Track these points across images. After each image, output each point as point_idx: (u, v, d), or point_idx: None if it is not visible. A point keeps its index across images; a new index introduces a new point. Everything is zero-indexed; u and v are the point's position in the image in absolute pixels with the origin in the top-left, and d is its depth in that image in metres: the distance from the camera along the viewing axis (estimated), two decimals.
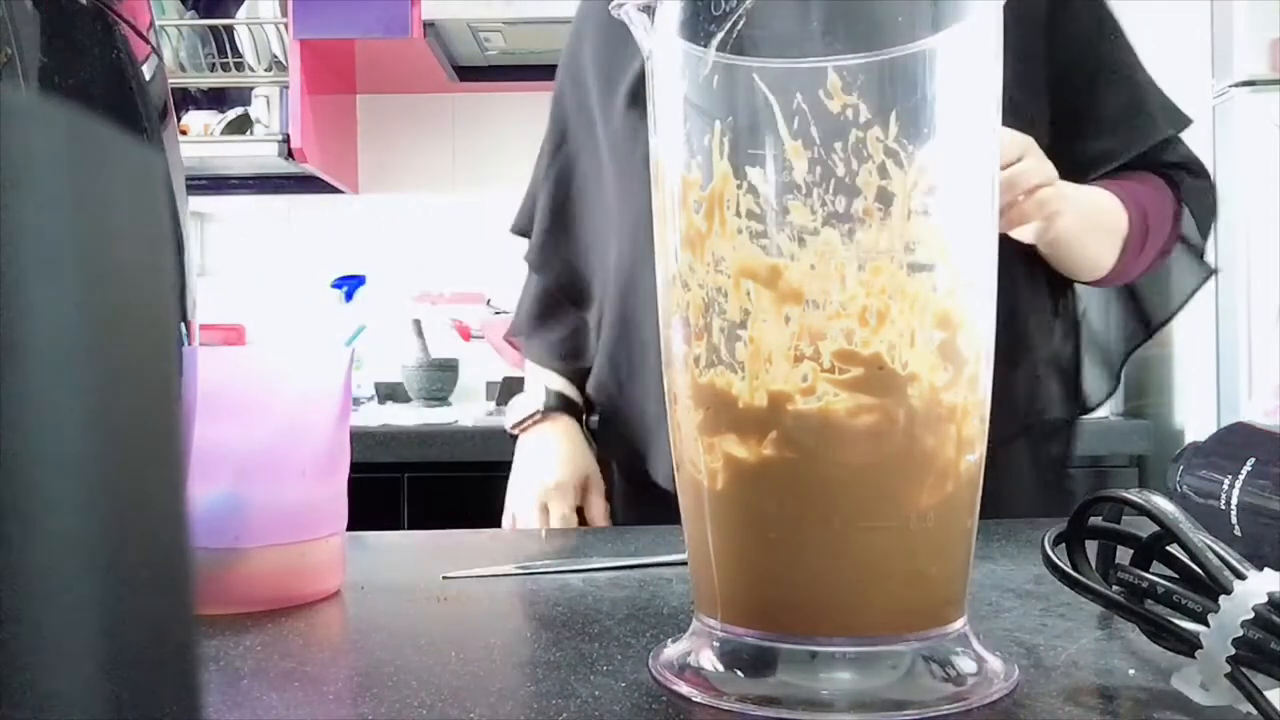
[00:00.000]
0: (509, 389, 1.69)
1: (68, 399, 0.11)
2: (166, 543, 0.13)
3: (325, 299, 2.03)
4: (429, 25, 1.71)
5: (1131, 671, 0.34)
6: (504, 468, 1.44)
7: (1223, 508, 0.45)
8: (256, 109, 1.92)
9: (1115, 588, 0.34)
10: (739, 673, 0.33)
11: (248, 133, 1.90)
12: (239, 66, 1.90)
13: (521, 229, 1.06)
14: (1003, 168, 0.64)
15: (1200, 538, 0.31)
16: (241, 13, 1.88)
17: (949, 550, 0.33)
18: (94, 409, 0.12)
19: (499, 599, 0.45)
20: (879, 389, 0.31)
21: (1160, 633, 0.32)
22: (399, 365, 1.89)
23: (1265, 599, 0.28)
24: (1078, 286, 0.82)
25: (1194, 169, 0.81)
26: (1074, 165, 0.73)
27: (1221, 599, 0.29)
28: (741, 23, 0.32)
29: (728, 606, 0.34)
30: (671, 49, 0.34)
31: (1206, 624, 0.29)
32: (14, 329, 0.11)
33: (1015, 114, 0.67)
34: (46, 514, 0.11)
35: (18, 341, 0.11)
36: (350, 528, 0.49)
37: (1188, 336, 1.44)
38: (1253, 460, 0.45)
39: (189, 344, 0.27)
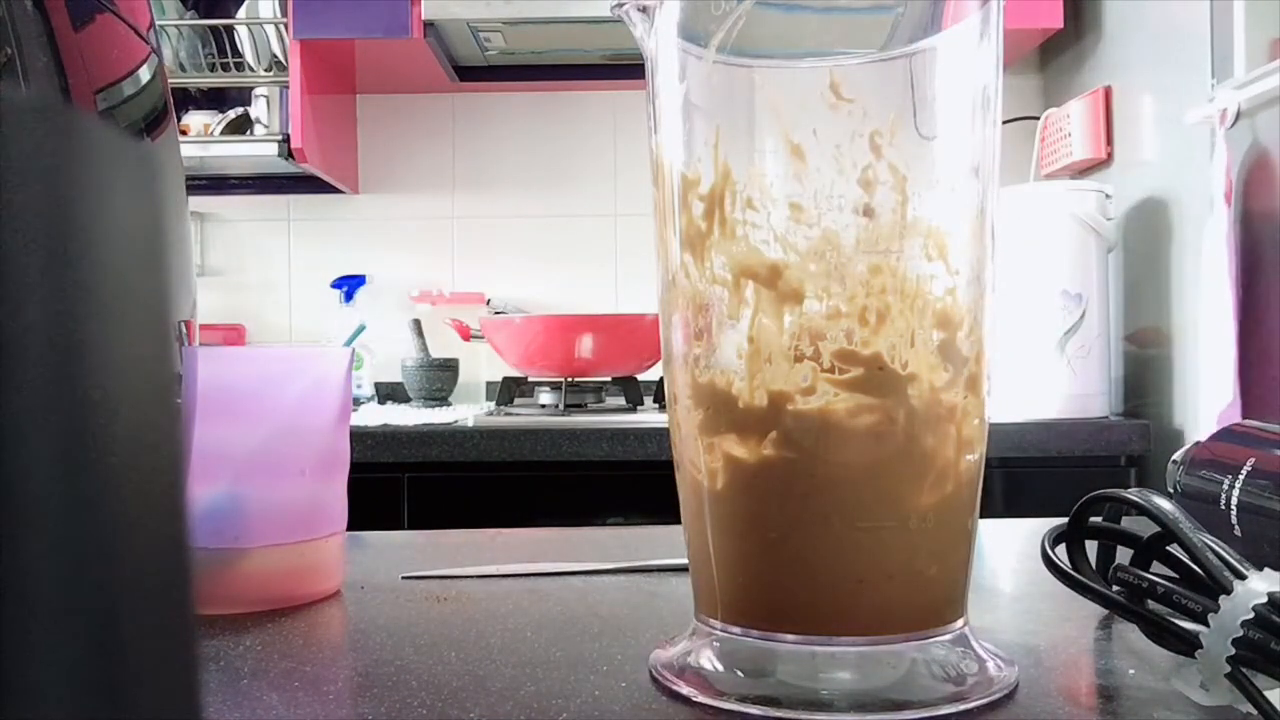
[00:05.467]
0: (509, 389, 1.69)
1: (66, 400, 0.11)
2: (166, 543, 0.13)
3: (325, 299, 2.03)
4: (429, 25, 1.71)
5: (1131, 671, 0.34)
6: (504, 467, 1.44)
7: (1223, 508, 0.45)
8: (256, 109, 1.92)
9: (1115, 588, 0.34)
10: (739, 673, 0.33)
11: (248, 133, 1.90)
12: (239, 66, 1.90)
13: None
14: None
15: (1200, 538, 0.31)
16: (241, 13, 1.87)
17: (949, 550, 0.33)
18: (92, 409, 0.12)
19: (499, 599, 0.45)
20: (879, 389, 0.31)
21: (1160, 633, 0.32)
22: (399, 365, 1.89)
23: (1265, 599, 0.28)
24: None
25: None
26: None
27: (1221, 599, 0.29)
28: (741, 23, 0.32)
29: (728, 606, 0.34)
30: (671, 49, 0.34)
31: (1206, 624, 0.29)
32: (12, 329, 0.11)
33: None
34: (44, 515, 0.11)
35: (15, 341, 0.11)
36: (350, 528, 0.49)
37: (1188, 336, 1.44)
38: (1253, 460, 0.45)
39: (189, 344, 0.27)
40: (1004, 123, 0.35)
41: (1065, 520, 0.39)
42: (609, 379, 1.67)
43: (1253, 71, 1.24)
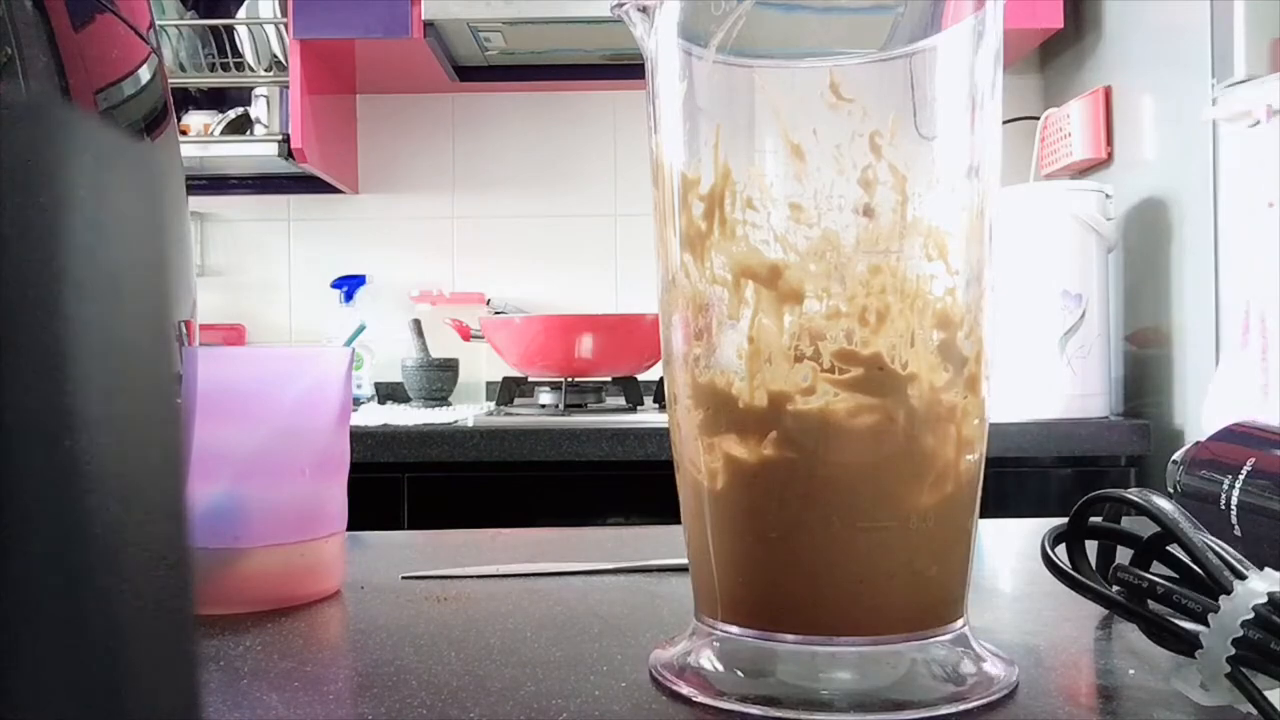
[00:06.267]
0: (509, 389, 1.69)
1: (68, 399, 0.11)
2: (166, 543, 0.13)
3: (325, 299, 2.03)
4: (429, 25, 1.71)
5: (1131, 671, 0.34)
6: (504, 467, 1.44)
7: (1223, 508, 0.45)
8: (256, 109, 1.92)
9: (1115, 588, 0.34)
10: (739, 673, 0.33)
11: (248, 133, 1.90)
12: (239, 66, 1.90)
13: None
14: None
15: (1200, 538, 0.31)
16: (241, 13, 1.88)
17: (949, 550, 0.33)
18: (94, 409, 0.12)
19: (499, 599, 0.45)
20: (879, 389, 0.31)
21: (1160, 633, 0.32)
22: (399, 365, 1.89)
23: (1265, 599, 0.28)
24: None
25: None
26: None
27: (1221, 599, 0.29)
28: (741, 23, 0.32)
29: (728, 606, 0.34)
30: (671, 49, 0.34)
31: (1206, 624, 0.29)
32: (14, 329, 0.11)
33: None
34: (45, 514, 0.11)
35: (16, 341, 0.11)
36: (350, 528, 0.49)
37: (1188, 336, 1.44)
38: (1253, 460, 0.45)
39: (189, 344, 0.27)
40: (1004, 123, 0.35)
41: (1065, 520, 0.39)
42: (609, 379, 1.67)
43: (1252, 71, 1.24)
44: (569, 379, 1.63)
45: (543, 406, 1.65)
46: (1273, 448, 0.45)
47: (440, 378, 1.87)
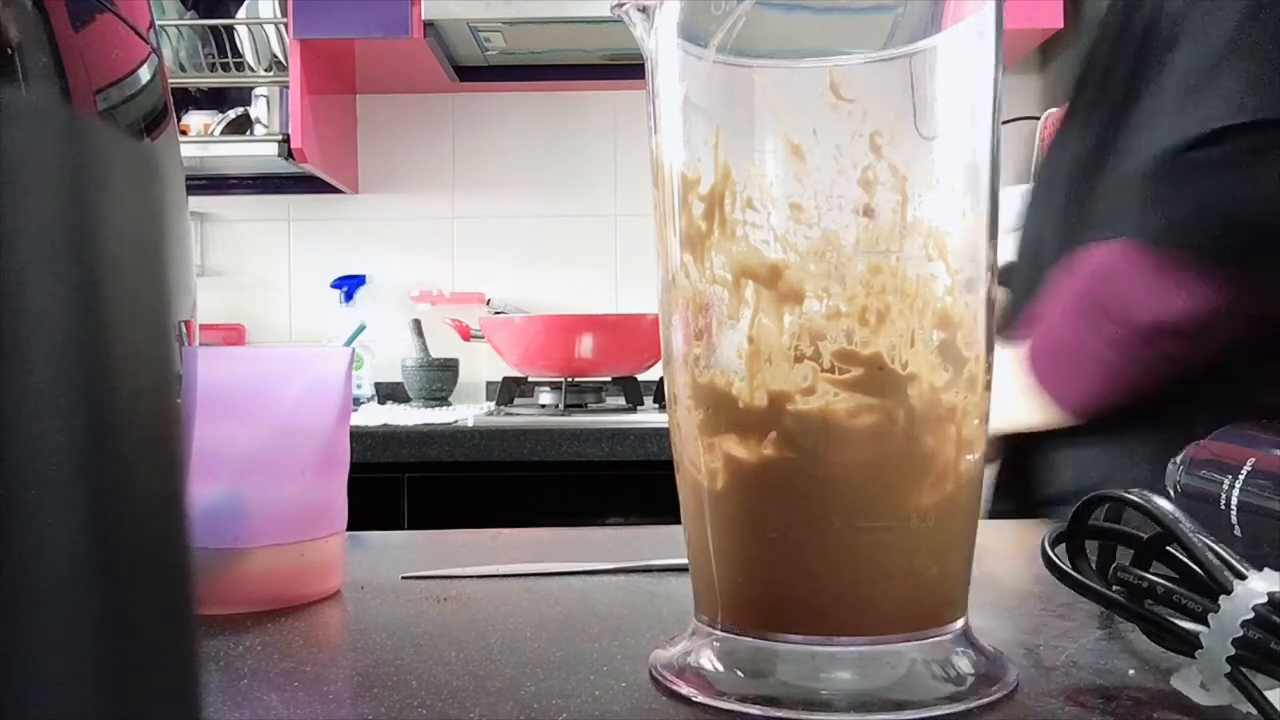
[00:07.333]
0: (509, 389, 1.69)
1: (67, 399, 0.11)
2: (166, 543, 0.13)
3: (325, 299, 2.03)
4: (429, 25, 1.71)
5: (1131, 671, 0.34)
6: (504, 467, 1.44)
7: (1223, 508, 0.45)
8: (256, 109, 1.92)
9: (1115, 588, 0.34)
10: (739, 673, 0.33)
11: (248, 133, 1.90)
12: (239, 66, 1.90)
13: None
14: None
15: (1200, 538, 0.31)
16: (241, 13, 1.88)
17: (949, 550, 0.33)
18: (93, 409, 0.12)
19: (499, 599, 0.45)
20: (879, 389, 0.31)
21: (1160, 633, 0.32)
22: (399, 365, 1.89)
23: (1265, 599, 0.28)
24: None
25: None
26: None
27: (1221, 599, 0.29)
28: (741, 23, 0.32)
29: (728, 606, 0.34)
30: (671, 49, 0.34)
31: (1206, 624, 0.29)
32: (13, 329, 0.11)
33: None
34: (45, 514, 0.11)
35: (16, 341, 0.11)
36: (350, 528, 0.49)
37: None
38: (1253, 460, 0.45)
39: (189, 344, 0.27)
40: (1004, 123, 0.35)
41: (1065, 520, 0.39)
42: (609, 379, 1.67)
43: None
44: (569, 379, 1.63)
45: (543, 406, 1.65)
46: (1273, 448, 0.45)
47: (440, 378, 1.87)
